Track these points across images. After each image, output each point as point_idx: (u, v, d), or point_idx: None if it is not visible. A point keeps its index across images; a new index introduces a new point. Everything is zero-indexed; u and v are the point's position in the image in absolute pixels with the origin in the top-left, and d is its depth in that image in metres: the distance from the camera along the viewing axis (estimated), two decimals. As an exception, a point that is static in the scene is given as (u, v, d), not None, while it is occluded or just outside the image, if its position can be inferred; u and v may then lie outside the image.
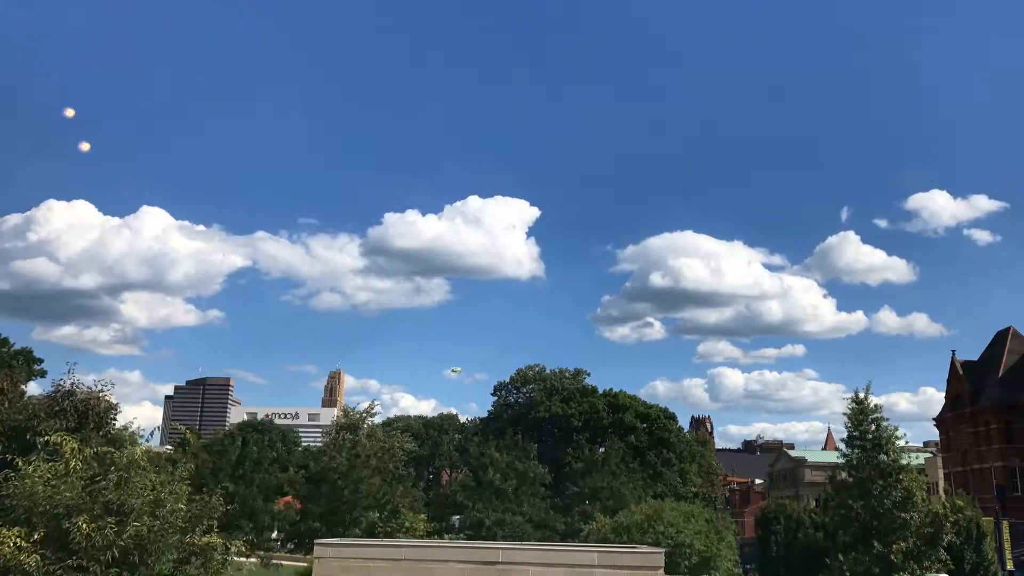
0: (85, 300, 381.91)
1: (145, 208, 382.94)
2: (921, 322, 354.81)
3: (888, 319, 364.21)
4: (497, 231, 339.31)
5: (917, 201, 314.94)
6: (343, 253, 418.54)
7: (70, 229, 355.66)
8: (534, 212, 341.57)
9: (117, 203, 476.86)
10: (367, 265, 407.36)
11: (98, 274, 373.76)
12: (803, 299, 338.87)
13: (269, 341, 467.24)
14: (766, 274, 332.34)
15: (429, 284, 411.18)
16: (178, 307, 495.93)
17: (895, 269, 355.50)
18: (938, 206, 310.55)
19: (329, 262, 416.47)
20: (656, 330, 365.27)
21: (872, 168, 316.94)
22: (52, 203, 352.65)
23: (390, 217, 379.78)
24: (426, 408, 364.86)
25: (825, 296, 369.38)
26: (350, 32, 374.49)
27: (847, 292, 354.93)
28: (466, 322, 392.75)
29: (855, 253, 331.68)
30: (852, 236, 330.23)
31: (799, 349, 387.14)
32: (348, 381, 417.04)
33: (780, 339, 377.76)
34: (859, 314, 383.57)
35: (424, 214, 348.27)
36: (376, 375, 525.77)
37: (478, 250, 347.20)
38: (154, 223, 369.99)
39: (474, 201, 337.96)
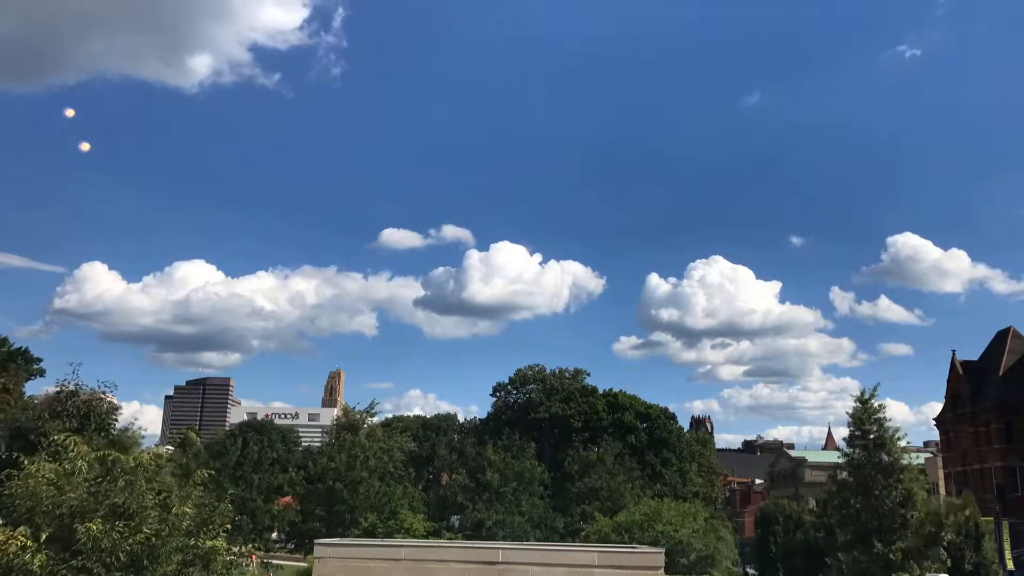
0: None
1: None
2: (924, 351, 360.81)
3: (894, 349, 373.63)
4: (558, 284, 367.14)
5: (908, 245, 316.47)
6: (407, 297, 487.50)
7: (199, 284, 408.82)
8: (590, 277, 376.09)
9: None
10: (435, 311, 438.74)
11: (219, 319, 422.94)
12: (814, 335, 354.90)
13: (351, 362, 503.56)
14: (781, 310, 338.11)
15: (486, 326, 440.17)
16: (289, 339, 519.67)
17: (905, 314, 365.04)
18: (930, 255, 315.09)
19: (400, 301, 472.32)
20: (669, 355, 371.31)
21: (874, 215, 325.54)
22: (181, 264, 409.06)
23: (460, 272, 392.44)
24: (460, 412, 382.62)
25: (834, 332, 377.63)
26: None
27: (857, 328, 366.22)
28: (504, 347, 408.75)
29: (866, 301, 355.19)
30: (862, 279, 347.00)
31: (801, 360, 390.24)
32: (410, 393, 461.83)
33: (783, 352, 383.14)
34: (868, 348, 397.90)
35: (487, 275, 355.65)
36: (420, 386, 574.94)
37: (533, 304, 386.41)
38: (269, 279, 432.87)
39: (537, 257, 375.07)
